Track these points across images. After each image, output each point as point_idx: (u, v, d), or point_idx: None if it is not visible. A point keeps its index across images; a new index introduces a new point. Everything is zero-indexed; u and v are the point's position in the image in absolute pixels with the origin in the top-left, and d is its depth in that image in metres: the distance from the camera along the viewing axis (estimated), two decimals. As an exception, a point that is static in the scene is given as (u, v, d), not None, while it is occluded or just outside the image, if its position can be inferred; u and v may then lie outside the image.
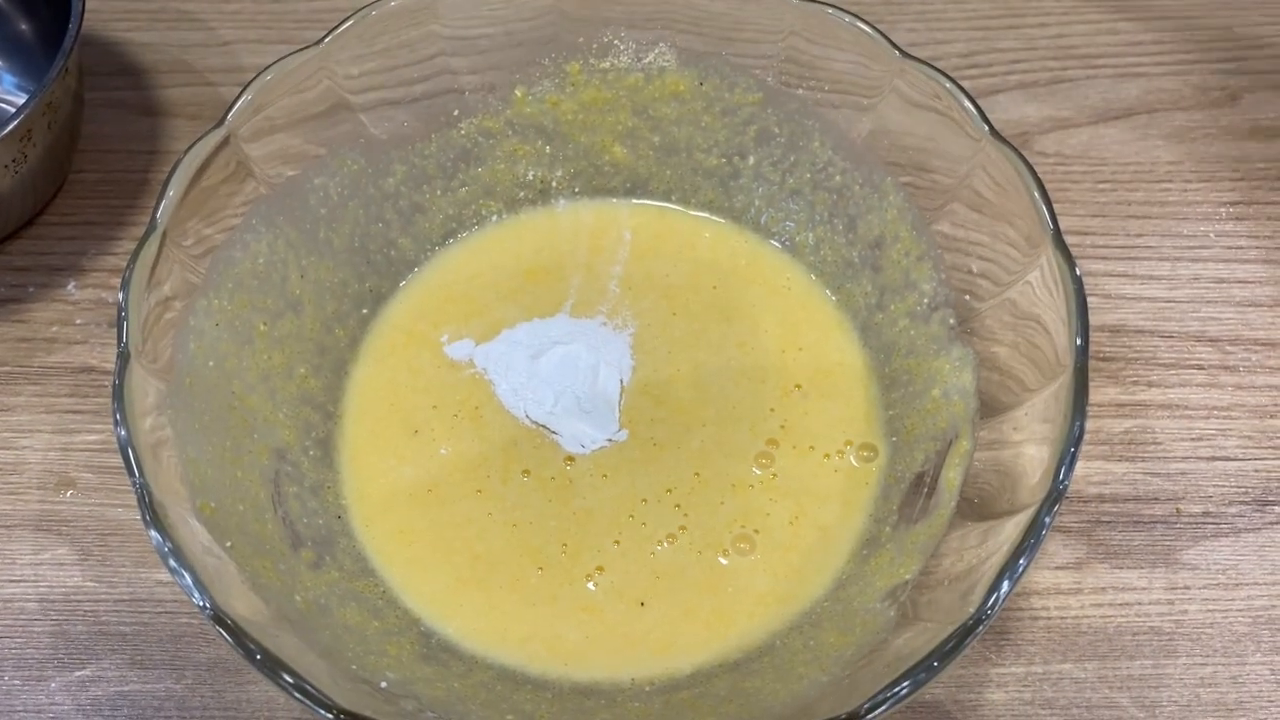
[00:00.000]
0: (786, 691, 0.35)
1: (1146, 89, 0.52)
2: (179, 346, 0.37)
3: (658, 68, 0.44)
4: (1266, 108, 0.52)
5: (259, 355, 0.40)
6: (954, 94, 0.39)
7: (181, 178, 0.38)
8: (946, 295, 0.41)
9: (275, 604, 0.35)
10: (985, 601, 0.31)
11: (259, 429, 0.40)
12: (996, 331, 0.39)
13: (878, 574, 0.38)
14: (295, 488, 0.40)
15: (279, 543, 0.38)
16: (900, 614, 0.35)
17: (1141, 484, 0.43)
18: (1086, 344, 0.34)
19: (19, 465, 0.44)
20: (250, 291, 0.40)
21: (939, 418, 0.40)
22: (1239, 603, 0.41)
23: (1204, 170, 0.50)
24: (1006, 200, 0.38)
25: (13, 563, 0.42)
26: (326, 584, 0.38)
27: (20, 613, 0.41)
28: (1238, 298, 0.47)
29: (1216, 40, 0.54)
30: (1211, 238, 0.48)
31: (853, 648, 0.36)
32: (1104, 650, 0.40)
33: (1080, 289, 0.35)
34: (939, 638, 0.31)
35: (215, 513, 0.35)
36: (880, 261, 0.43)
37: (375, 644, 0.37)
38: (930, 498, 0.39)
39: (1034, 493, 0.33)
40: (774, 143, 0.45)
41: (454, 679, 0.37)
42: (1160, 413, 0.44)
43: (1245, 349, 0.46)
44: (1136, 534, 0.42)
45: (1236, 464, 0.43)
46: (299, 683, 0.31)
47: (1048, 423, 0.35)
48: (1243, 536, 0.42)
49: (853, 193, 0.44)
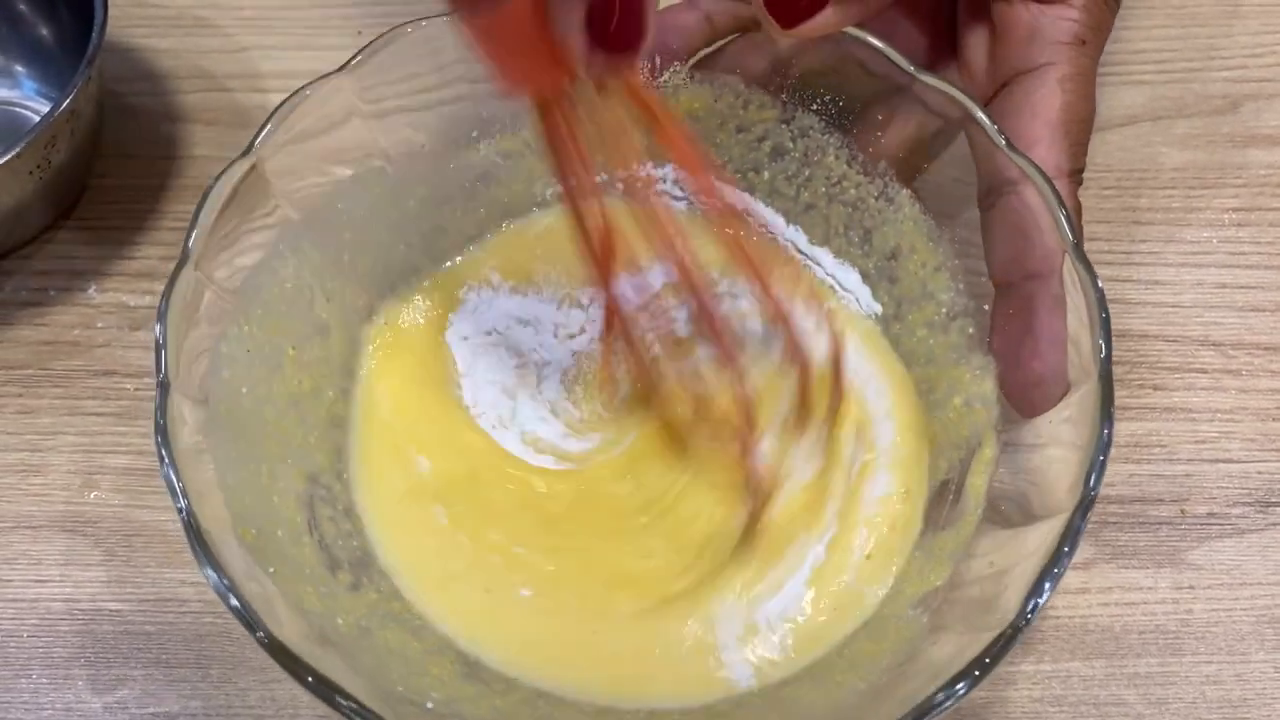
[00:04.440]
0: (825, 700, 0.36)
1: (1150, 96, 0.53)
2: (212, 374, 0.38)
3: (672, 86, 0.45)
4: (1268, 115, 0.52)
5: (288, 380, 0.41)
6: (967, 105, 0.40)
7: (211, 207, 0.38)
8: (965, 305, 0.42)
9: (319, 627, 0.35)
10: (1024, 607, 0.32)
11: (292, 454, 0.40)
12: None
13: (908, 581, 0.39)
14: (329, 510, 0.40)
15: (317, 567, 0.38)
16: (932, 622, 0.36)
17: (1147, 486, 0.44)
18: (1110, 351, 0.35)
19: (44, 467, 0.45)
20: (279, 317, 0.41)
21: (962, 426, 0.40)
22: (1243, 602, 0.42)
23: (1207, 177, 0.51)
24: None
25: (39, 563, 0.43)
26: (366, 606, 0.38)
27: (47, 613, 0.42)
28: (1240, 303, 0.48)
29: (1219, 48, 0.55)
30: (1215, 243, 0.49)
31: (888, 655, 0.36)
32: (1111, 649, 0.41)
33: (1102, 297, 0.35)
34: (980, 645, 0.32)
35: (256, 539, 0.36)
36: (897, 273, 0.44)
37: (417, 664, 0.37)
38: (956, 505, 0.39)
39: (1065, 499, 0.34)
40: (788, 158, 0.45)
41: (496, 697, 0.37)
42: (1165, 416, 0.45)
43: (1248, 353, 0.47)
44: (1143, 535, 0.43)
45: (1240, 466, 0.44)
46: (358, 707, 0.31)
47: (1072, 425, 0.35)
48: (1247, 537, 0.43)
49: (867, 206, 0.44)
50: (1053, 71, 0.41)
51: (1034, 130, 0.40)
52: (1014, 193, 0.38)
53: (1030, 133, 0.40)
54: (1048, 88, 0.41)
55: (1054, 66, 0.41)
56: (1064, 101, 0.41)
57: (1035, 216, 0.38)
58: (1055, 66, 0.41)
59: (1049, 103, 0.41)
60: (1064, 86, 0.41)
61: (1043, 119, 0.40)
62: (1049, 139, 0.40)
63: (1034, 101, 0.41)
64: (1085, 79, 0.42)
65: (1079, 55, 0.41)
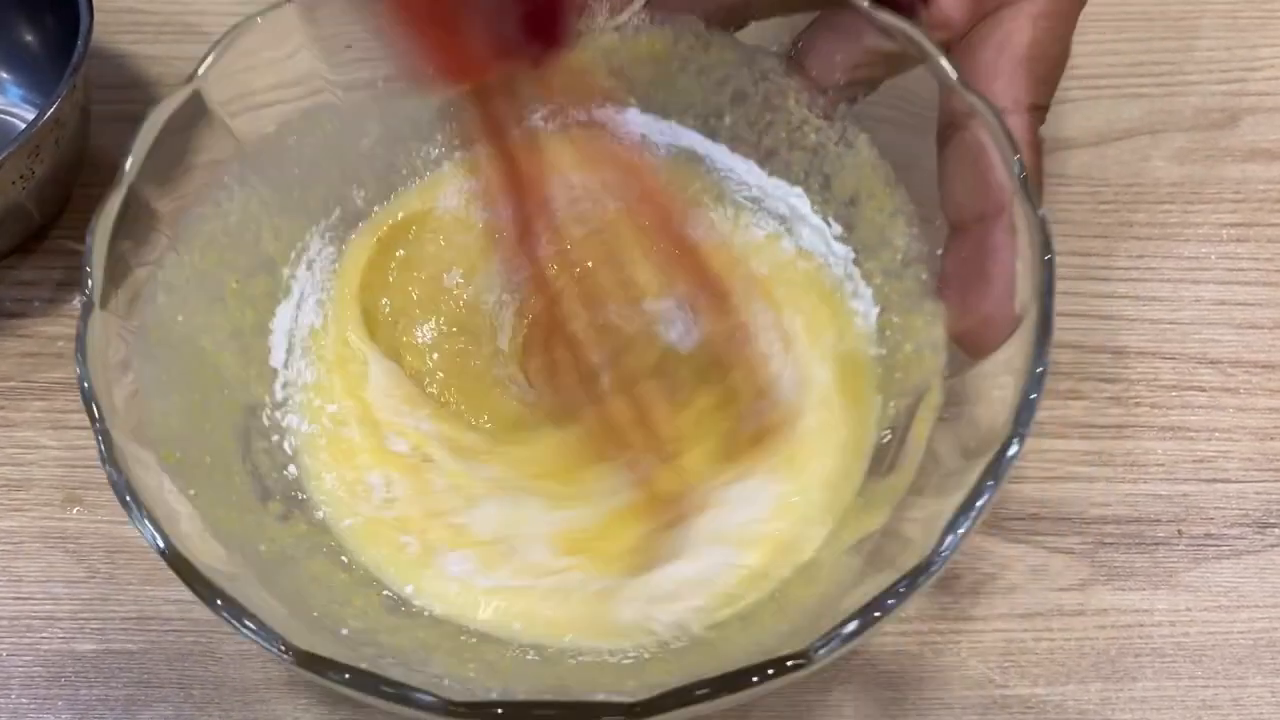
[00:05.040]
0: (749, 641, 0.36)
1: (1148, 110, 0.53)
2: (146, 300, 0.38)
3: (632, 28, 0.44)
4: (1266, 130, 0.52)
5: (231, 312, 0.41)
6: (917, 38, 0.39)
7: (149, 132, 0.38)
8: (920, 250, 0.41)
9: (239, 552, 0.35)
10: (940, 543, 0.31)
11: (229, 385, 0.40)
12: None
13: (845, 527, 0.38)
14: (265, 443, 0.40)
15: (246, 495, 0.38)
16: (865, 564, 0.36)
17: (1144, 506, 0.43)
18: (1051, 292, 0.34)
19: (25, 482, 0.44)
20: (222, 249, 0.40)
21: (911, 373, 0.40)
22: (1240, 625, 0.41)
23: (1205, 192, 0.50)
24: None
25: (19, 580, 0.42)
26: (294, 536, 0.38)
27: (27, 630, 0.41)
28: (1239, 319, 0.47)
29: (1217, 62, 0.54)
30: (1213, 259, 0.49)
31: (816, 598, 0.36)
32: (1107, 672, 0.41)
33: (1046, 235, 0.35)
34: (888, 581, 0.31)
35: (180, 462, 0.36)
36: (855, 219, 0.43)
37: (341, 594, 0.37)
38: (899, 450, 0.39)
39: (996, 435, 0.33)
40: (749, 102, 0.44)
41: (419, 629, 0.37)
42: (1163, 434, 0.45)
43: (1246, 371, 0.46)
44: (1139, 556, 0.43)
45: (1237, 486, 0.44)
46: (259, 627, 0.31)
47: (1007, 365, 0.35)
48: (1243, 558, 0.43)
49: (827, 151, 0.44)
50: (1028, 7, 0.40)
51: (998, 64, 0.39)
52: (967, 128, 0.37)
53: (994, 66, 0.39)
54: (1018, 22, 0.40)
55: (1030, 2, 0.40)
56: (1033, 37, 0.39)
57: (985, 153, 0.37)
58: (1032, 2, 0.40)
59: (1017, 37, 0.39)
60: (1036, 23, 0.40)
61: (1008, 53, 0.39)
62: (1010, 73, 0.39)
63: (1002, 35, 0.40)
64: (1061, 19, 0.40)
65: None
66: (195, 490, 0.35)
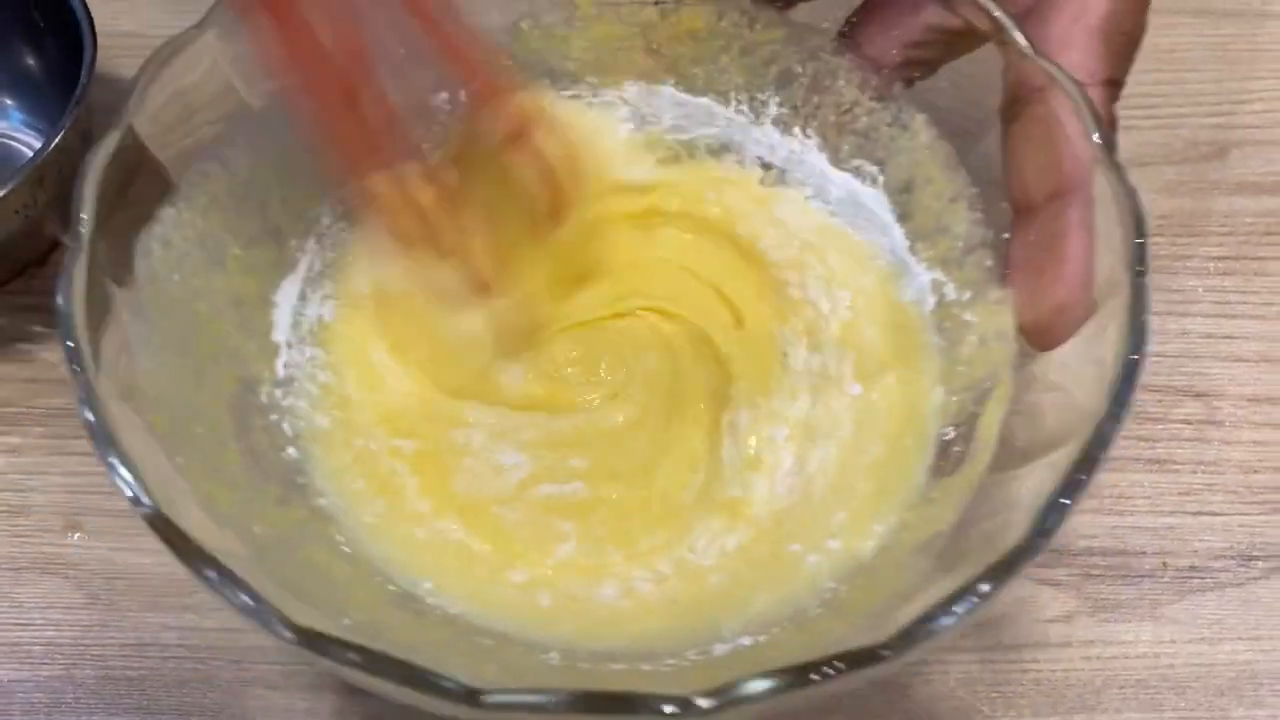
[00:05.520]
0: (800, 643, 0.34)
1: (1138, 141, 0.53)
2: (140, 252, 0.35)
3: (672, 2, 0.42)
4: (1254, 163, 0.53)
5: (231, 279, 0.39)
6: (990, 9, 0.37)
7: (153, 71, 0.35)
8: (983, 235, 0.39)
9: (231, 530, 0.32)
10: (1033, 532, 0.29)
11: (227, 355, 0.38)
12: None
13: (908, 528, 0.37)
14: (263, 421, 0.38)
15: (240, 473, 0.36)
16: (934, 566, 0.34)
17: (1130, 538, 0.44)
18: (1147, 263, 0.32)
19: (25, 507, 0.44)
20: (226, 211, 0.38)
21: (975, 365, 0.39)
22: (1222, 656, 0.42)
23: (1194, 224, 0.51)
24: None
25: (19, 606, 0.43)
26: (292, 521, 0.36)
27: (27, 656, 0.42)
28: (1225, 353, 0.48)
29: (1206, 95, 0.55)
30: (1200, 292, 0.50)
31: (880, 602, 0.34)
32: (1091, 703, 0.41)
33: (1137, 206, 0.32)
34: (982, 568, 0.29)
35: (168, 429, 0.33)
36: (911, 207, 0.42)
37: (343, 585, 0.35)
38: (967, 446, 0.37)
39: (1084, 421, 0.31)
40: (797, 83, 0.43)
41: (430, 628, 0.35)
42: (1149, 467, 0.46)
43: (1232, 404, 0.47)
44: (1126, 588, 0.43)
45: (1222, 519, 0.45)
46: (255, 601, 0.28)
47: (1094, 365, 0.33)
48: (1227, 591, 0.43)
49: (880, 134, 0.42)
50: None
51: (1072, 35, 0.37)
52: (1040, 101, 0.35)
53: (1067, 37, 0.37)
54: None
55: None
56: (1110, 9, 0.37)
57: (1062, 125, 0.35)
58: None
59: (1093, 8, 0.37)
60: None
61: (1083, 24, 0.37)
62: (1085, 44, 0.37)
63: (1077, 5, 0.38)
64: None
65: None
66: (185, 460, 0.33)
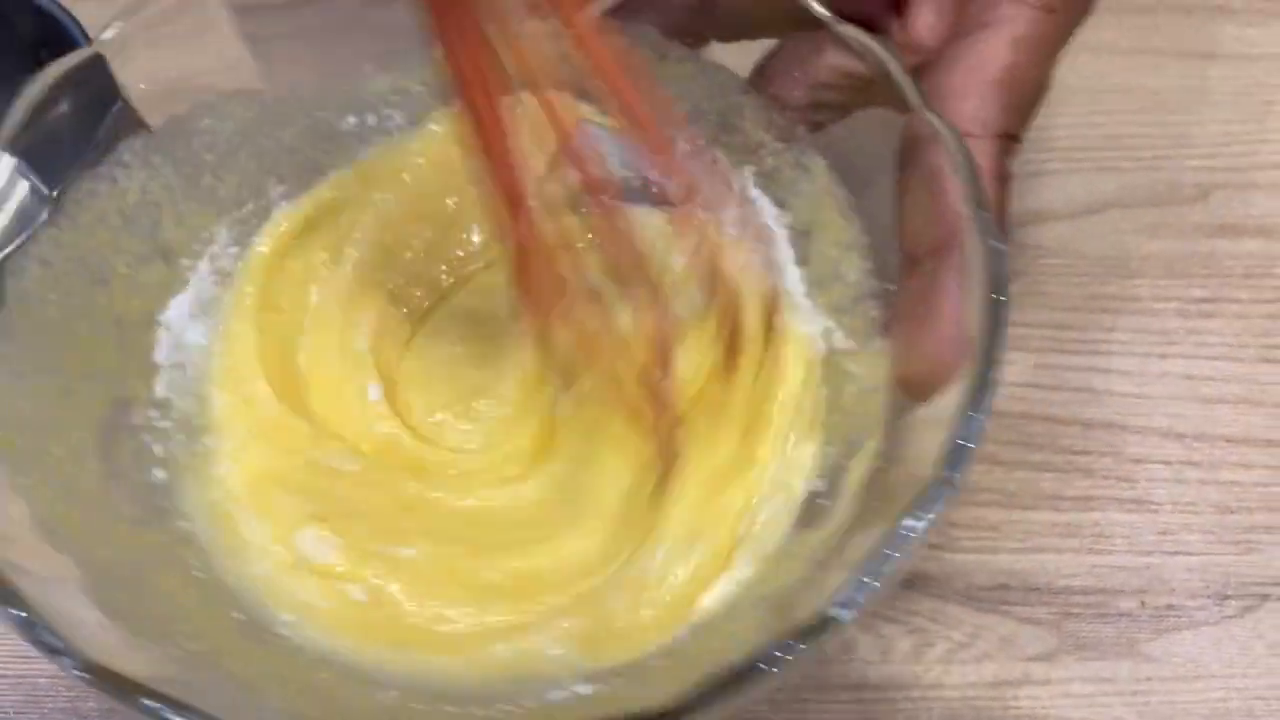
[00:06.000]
0: (637, 695, 0.33)
1: (1121, 184, 0.54)
2: (12, 273, 0.35)
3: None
4: (1237, 205, 0.54)
5: (116, 298, 0.38)
6: (880, 55, 0.37)
7: (37, 89, 0.35)
8: (872, 286, 0.39)
9: (70, 554, 0.32)
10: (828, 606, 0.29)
11: (100, 375, 0.38)
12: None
13: (762, 580, 0.36)
14: (133, 443, 0.38)
15: (96, 494, 0.35)
16: (770, 616, 0.34)
17: (1109, 578, 0.45)
18: (997, 334, 0.32)
19: (32, 541, 0.45)
20: (114, 230, 0.38)
21: (851, 415, 0.38)
22: (1198, 694, 0.43)
23: (1176, 266, 0.52)
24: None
25: (27, 639, 0.44)
26: (145, 545, 0.36)
27: (33, 689, 0.42)
28: (1205, 394, 0.49)
29: (1190, 136, 0.56)
30: (1181, 334, 0.51)
31: (719, 654, 0.32)
32: (1071, 740, 0.43)
33: (999, 271, 0.32)
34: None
35: (19, 451, 0.34)
36: (808, 253, 0.42)
37: (186, 612, 0.35)
38: (834, 501, 0.36)
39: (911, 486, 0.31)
40: (704, 121, 0.42)
41: (270, 658, 0.34)
42: (1128, 507, 0.47)
43: (1210, 445, 0.48)
44: (1104, 627, 0.44)
45: (1199, 559, 0.46)
46: (50, 633, 0.28)
47: (934, 425, 0.32)
48: (1202, 630, 0.44)
49: (782, 176, 0.42)
50: (1008, 29, 0.37)
51: (969, 86, 0.37)
52: (927, 152, 0.35)
53: (965, 88, 0.37)
54: (995, 45, 0.37)
55: (1010, 25, 0.37)
56: (1011, 61, 0.37)
57: (941, 178, 0.34)
58: (1012, 25, 0.37)
59: (994, 60, 0.37)
60: (1016, 47, 0.37)
61: (981, 75, 0.37)
62: (981, 95, 0.37)
63: (976, 56, 0.37)
64: (1044, 45, 0.38)
65: (1042, 20, 0.37)
66: (31, 481, 0.33)
